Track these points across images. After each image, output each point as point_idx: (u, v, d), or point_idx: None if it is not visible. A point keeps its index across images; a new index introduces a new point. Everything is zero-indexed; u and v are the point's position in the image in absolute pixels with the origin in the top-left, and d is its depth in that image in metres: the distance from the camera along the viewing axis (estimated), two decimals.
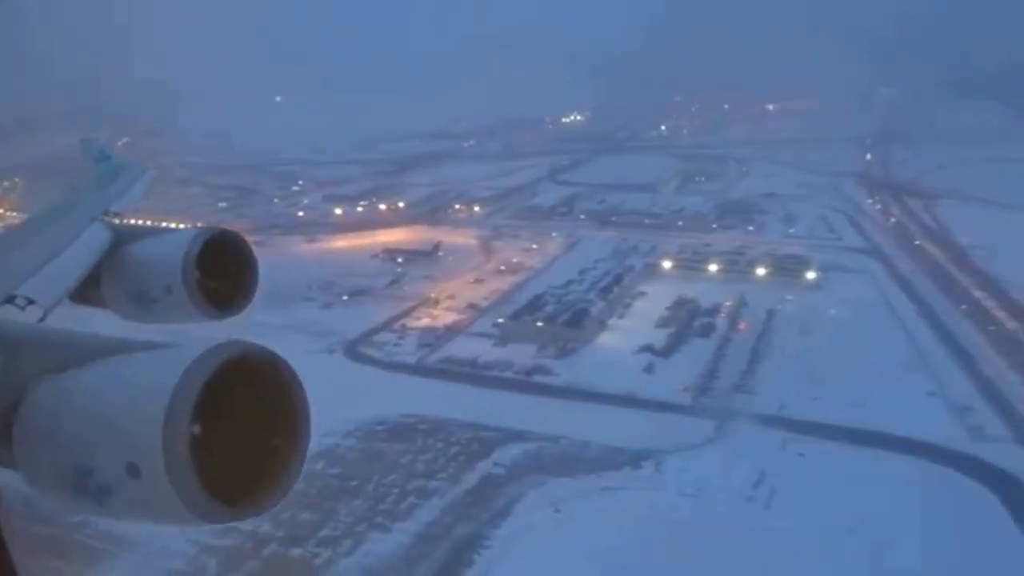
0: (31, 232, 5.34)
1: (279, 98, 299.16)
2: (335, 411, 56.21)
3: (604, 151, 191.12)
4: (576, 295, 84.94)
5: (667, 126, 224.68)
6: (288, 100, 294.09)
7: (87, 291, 5.15)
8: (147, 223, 6.18)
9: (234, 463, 2.60)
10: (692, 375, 68.46)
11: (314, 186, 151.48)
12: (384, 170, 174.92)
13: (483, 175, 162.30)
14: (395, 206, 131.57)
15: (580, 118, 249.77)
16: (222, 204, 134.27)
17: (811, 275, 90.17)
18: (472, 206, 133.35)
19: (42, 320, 3.94)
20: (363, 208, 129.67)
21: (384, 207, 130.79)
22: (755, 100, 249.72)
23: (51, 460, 2.61)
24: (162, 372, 2.48)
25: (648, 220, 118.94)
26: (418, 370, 72.76)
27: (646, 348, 73.82)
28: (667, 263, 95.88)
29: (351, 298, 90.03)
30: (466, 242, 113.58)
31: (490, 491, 53.31)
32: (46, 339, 3.09)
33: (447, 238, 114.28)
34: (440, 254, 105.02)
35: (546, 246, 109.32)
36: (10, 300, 3.86)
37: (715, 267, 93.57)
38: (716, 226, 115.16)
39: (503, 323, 78.85)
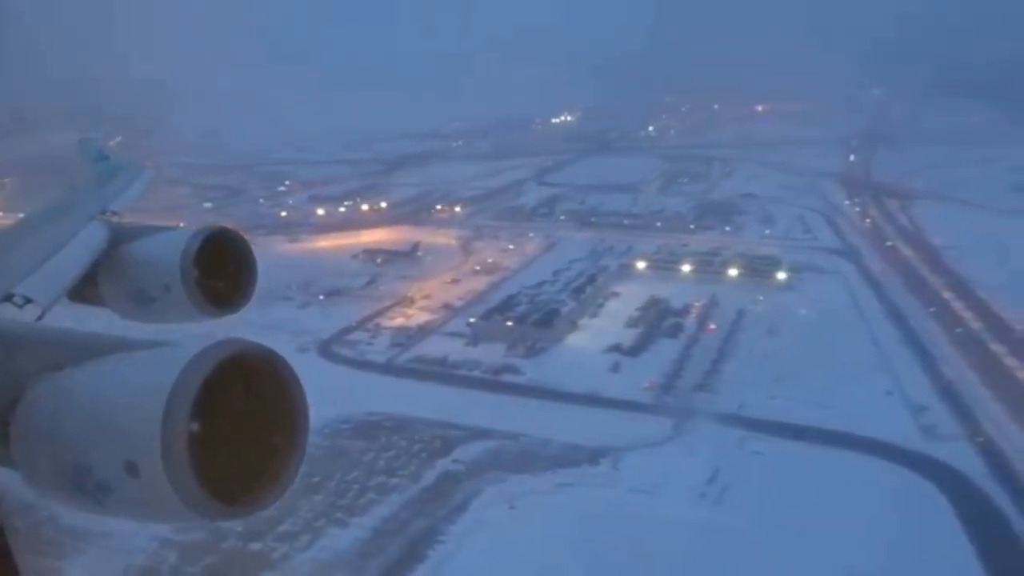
0: (29, 231, 5.27)
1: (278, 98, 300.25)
2: None
3: (592, 152, 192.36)
4: (549, 295, 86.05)
5: (655, 127, 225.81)
6: (285, 100, 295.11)
7: (85, 290, 5.14)
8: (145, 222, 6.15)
9: (232, 461, 2.60)
10: (656, 374, 69.49)
11: (300, 186, 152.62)
12: (373, 170, 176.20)
13: (470, 175, 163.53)
14: (377, 206, 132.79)
15: (570, 119, 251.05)
16: (207, 204, 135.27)
17: (782, 276, 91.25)
18: (454, 206, 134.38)
19: (40, 319, 3.92)
20: (345, 209, 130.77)
21: (366, 207, 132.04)
22: (746, 101, 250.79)
23: (49, 459, 2.60)
24: (160, 370, 2.48)
25: (627, 221, 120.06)
26: (388, 369, 73.85)
27: (614, 348, 74.90)
28: (641, 264, 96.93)
29: (327, 298, 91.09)
30: (446, 242, 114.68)
31: (449, 487, 54.38)
32: (44, 338, 3.09)
33: (428, 238, 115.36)
34: (419, 254, 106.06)
35: (524, 247, 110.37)
36: (8, 299, 3.84)
37: (689, 268, 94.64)
38: (694, 227, 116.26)
39: (474, 323, 79.96)
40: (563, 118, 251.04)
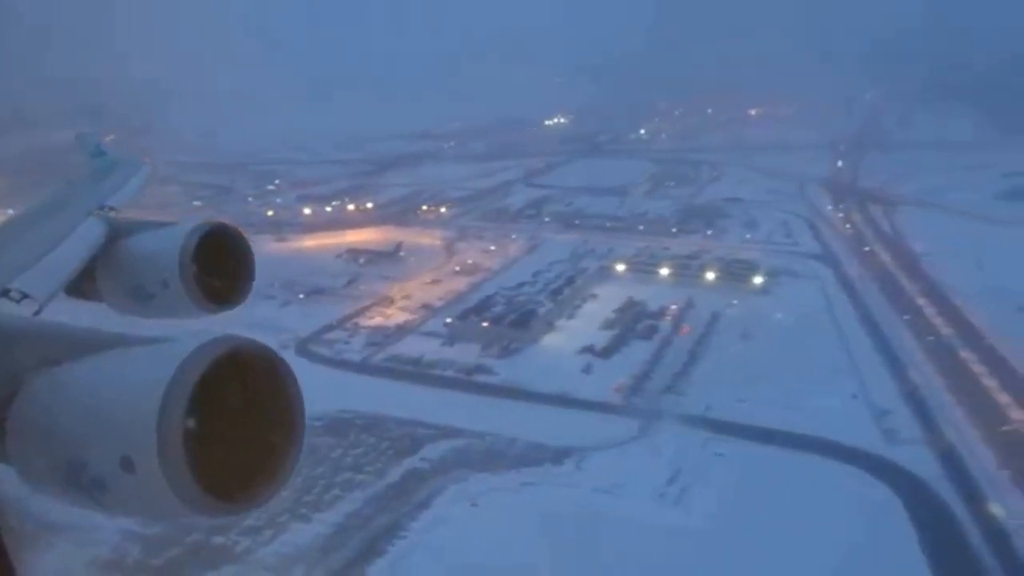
0: (26, 225, 5.28)
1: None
2: None
3: (583, 154, 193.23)
4: (527, 296, 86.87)
5: (647, 130, 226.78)
6: (283, 100, 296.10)
7: (82, 285, 5.12)
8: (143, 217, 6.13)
9: (229, 458, 2.59)
10: (627, 376, 70.25)
11: (289, 186, 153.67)
12: (364, 170, 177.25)
13: (460, 176, 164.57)
14: (363, 207, 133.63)
15: (564, 121, 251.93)
16: (196, 203, 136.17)
17: (758, 280, 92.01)
18: (440, 207, 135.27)
19: (37, 314, 3.91)
20: (332, 208, 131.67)
21: (352, 207, 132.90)
22: (741, 104, 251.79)
23: (45, 454, 2.58)
24: (157, 366, 2.47)
25: (610, 224, 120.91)
26: (364, 368, 74.66)
27: (587, 349, 75.62)
28: (620, 266, 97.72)
29: (308, 297, 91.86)
30: (431, 243, 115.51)
31: (414, 485, 55.18)
32: (41, 333, 3.07)
33: (413, 239, 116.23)
34: (401, 254, 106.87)
35: (507, 248, 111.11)
36: (5, 293, 3.84)
37: (667, 271, 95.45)
38: (676, 230, 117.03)
39: (451, 323, 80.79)
40: (557, 120, 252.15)
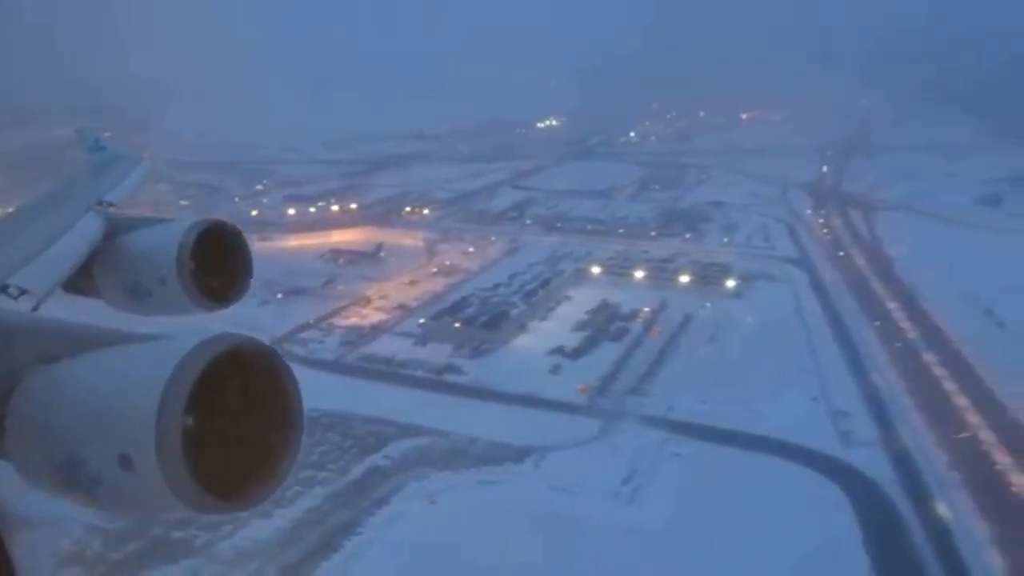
0: (24, 221, 5.25)
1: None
2: None
3: (572, 157, 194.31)
4: (501, 298, 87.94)
5: (637, 133, 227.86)
6: (279, 99, 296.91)
7: (80, 281, 5.10)
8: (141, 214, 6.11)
9: (227, 455, 2.61)
10: (594, 377, 71.28)
11: (276, 185, 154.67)
12: (353, 170, 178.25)
13: (448, 178, 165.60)
14: (347, 207, 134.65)
15: (555, 123, 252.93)
16: (184, 202, 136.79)
17: (731, 284, 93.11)
18: (424, 208, 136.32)
19: (35, 310, 3.91)
20: (316, 209, 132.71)
21: (336, 208, 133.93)
22: (734, 108, 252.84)
23: (43, 451, 2.57)
24: (156, 364, 2.46)
25: (591, 226, 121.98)
26: (336, 367, 75.63)
27: (557, 350, 76.65)
28: (596, 269, 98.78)
29: (286, 296, 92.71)
30: (412, 244, 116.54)
31: (375, 482, 56.23)
32: (39, 329, 3.07)
33: (396, 240, 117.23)
34: (382, 255, 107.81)
35: (487, 250, 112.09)
36: (3, 289, 3.83)
37: (642, 274, 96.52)
38: (656, 234, 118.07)
39: (424, 323, 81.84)
40: (548, 122, 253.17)
